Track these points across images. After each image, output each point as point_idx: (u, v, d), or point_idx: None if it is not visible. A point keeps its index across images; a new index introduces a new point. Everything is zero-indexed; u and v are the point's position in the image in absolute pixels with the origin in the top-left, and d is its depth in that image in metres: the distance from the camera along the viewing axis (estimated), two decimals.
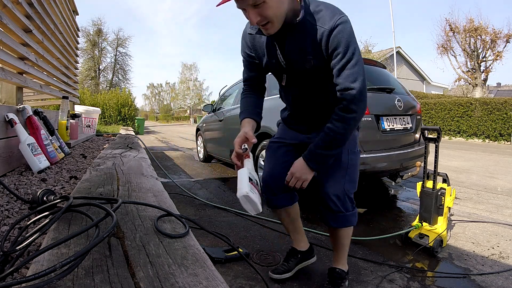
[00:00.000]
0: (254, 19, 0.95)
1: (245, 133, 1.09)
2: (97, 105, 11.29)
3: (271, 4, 0.93)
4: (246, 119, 1.18)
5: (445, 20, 15.20)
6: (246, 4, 0.93)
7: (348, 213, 1.19)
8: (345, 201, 1.18)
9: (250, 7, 0.93)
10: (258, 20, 0.95)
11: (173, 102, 47.01)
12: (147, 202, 0.96)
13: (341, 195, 1.17)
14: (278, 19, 0.98)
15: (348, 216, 1.19)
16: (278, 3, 0.95)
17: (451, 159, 5.21)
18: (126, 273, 0.55)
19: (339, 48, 1.00)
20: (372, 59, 3.11)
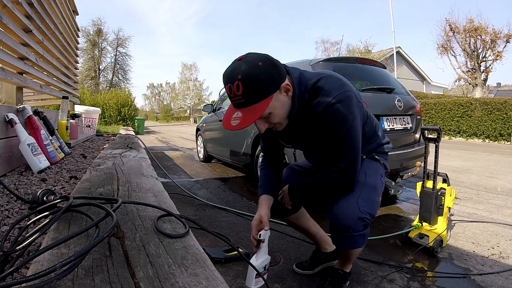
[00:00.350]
0: (262, 127, 1.00)
1: (261, 217, 1.11)
2: (97, 105, 11.28)
3: (276, 113, 0.96)
4: (264, 196, 1.21)
5: (445, 20, 15.20)
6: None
7: (356, 233, 1.06)
8: (355, 221, 1.05)
9: (257, 120, 0.94)
10: (266, 127, 1.01)
11: (173, 102, 47.02)
12: (147, 202, 0.96)
13: (350, 214, 1.06)
14: (285, 120, 1.03)
15: (356, 237, 1.07)
16: (282, 108, 0.98)
17: (451, 159, 5.21)
18: (126, 273, 0.55)
19: (331, 126, 1.00)
20: (372, 59, 3.10)
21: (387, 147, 1.29)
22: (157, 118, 47.26)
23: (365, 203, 1.08)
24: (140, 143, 3.28)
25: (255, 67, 0.87)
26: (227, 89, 0.91)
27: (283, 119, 1.01)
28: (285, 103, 0.98)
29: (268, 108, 0.92)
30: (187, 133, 13.13)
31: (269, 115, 0.96)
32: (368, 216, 1.07)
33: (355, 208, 1.05)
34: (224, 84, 0.93)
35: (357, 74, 2.72)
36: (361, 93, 2.37)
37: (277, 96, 0.95)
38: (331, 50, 22.19)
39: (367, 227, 1.09)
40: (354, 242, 1.09)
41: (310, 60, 2.66)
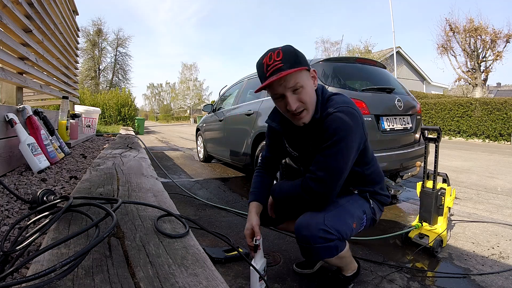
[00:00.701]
0: (293, 104, 0.98)
1: (253, 227, 1.13)
2: (97, 105, 11.29)
3: (308, 90, 1.00)
4: (254, 203, 1.22)
5: (445, 20, 15.19)
6: (286, 88, 0.97)
7: (317, 245, 1.00)
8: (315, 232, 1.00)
9: (289, 93, 0.98)
10: (297, 105, 0.99)
11: (173, 102, 47.02)
12: (147, 202, 0.96)
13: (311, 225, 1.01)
14: (312, 107, 1.04)
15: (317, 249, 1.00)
16: (312, 92, 1.03)
17: (451, 159, 5.21)
18: (126, 273, 0.55)
19: (327, 131, 1.00)
20: (372, 59, 3.10)
21: (385, 199, 1.26)
22: (157, 118, 47.27)
23: (333, 219, 1.03)
24: (140, 143, 3.28)
25: (292, 47, 1.00)
26: (267, 59, 0.98)
27: (311, 104, 1.03)
28: (313, 88, 1.04)
29: (301, 79, 0.98)
30: (187, 133, 13.13)
31: (302, 90, 0.99)
32: (332, 231, 1.00)
33: (319, 220, 1.01)
34: (262, 58, 1.00)
35: (357, 74, 2.72)
36: (361, 93, 2.38)
37: (308, 76, 1.02)
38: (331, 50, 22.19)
39: (332, 241, 1.01)
40: (317, 254, 1.02)
41: (310, 60, 2.66)
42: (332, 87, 2.35)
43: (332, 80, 2.42)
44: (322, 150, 1.00)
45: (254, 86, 3.60)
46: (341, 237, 1.04)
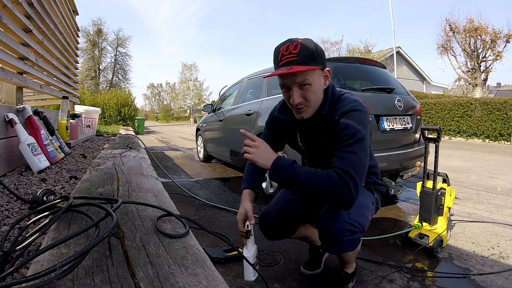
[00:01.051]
0: (297, 98, 1.00)
1: (246, 211, 1.10)
2: (97, 105, 11.28)
3: (315, 88, 1.00)
4: (247, 191, 1.20)
5: (445, 20, 15.19)
6: (294, 82, 0.98)
7: (344, 239, 1.04)
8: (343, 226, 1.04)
9: (296, 87, 0.99)
10: (300, 101, 1.00)
11: (173, 102, 47.02)
12: (147, 202, 0.96)
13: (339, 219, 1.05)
14: (315, 106, 1.05)
15: (344, 242, 1.05)
16: (319, 91, 1.03)
17: (451, 159, 5.21)
18: (126, 273, 0.55)
19: (345, 130, 0.99)
20: (372, 59, 3.10)
21: (382, 189, 1.31)
22: (157, 118, 47.27)
23: (355, 213, 1.06)
24: (140, 143, 3.28)
25: (313, 42, 1.00)
26: (284, 48, 0.97)
27: (315, 102, 1.03)
28: (321, 88, 1.04)
29: (311, 77, 0.98)
30: (187, 133, 13.13)
31: (308, 87, 0.99)
32: (357, 225, 1.05)
33: (345, 214, 1.04)
34: (280, 45, 0.99)
35: (357, 74, 2.72)
36: (361, 93, 2.38)
37: (320, 75, 1.02)
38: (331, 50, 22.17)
39: (356, 233, 1.06)
40: (343, 248, 1.06)
41: None
42: None
43: (332, 80, 2.42)
44: (344, 147, 0.98)
45: (254, 86, 3.60)
46: (363, 230, 1.09)
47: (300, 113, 1.05)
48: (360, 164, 0.95)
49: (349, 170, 0.92)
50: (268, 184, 2.81)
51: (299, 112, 1.05)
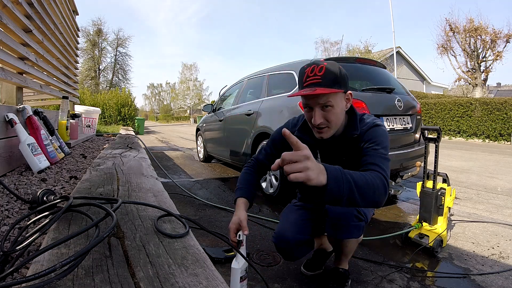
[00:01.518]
0: (318, 119, 1.03)
1: (240, 221, 1.08)
2: (97, 105, 11.28)
3: (336, 111, 1.04)
4: (241, 199, 1.19)
5: (445, 20, 15.20)
6: (317, 103, 1.02)
7: (352, 223, 1.13)
8: (351, 212, 1.12)
9: (318, 108, 1.03)
10: (321, 121, 1.04)
11: (173, 102, 47.02)
12: (147, 202, 0.96)
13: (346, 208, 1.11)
14: (336, 127, 1.08)
15: (351, 227, 1.13)
16: (340, 113, 1.06)
17: (451, 159, 5.21)
18: (126, 273, 0.55)
19: (373, 139, 1.04)
20: (372, 59, 3.10)
21: None
22: (157, 118, 47.27)
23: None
24: (140, 143, 3.28)
25: (337, 66, 1.04)
26: (309, 70, 1.02)
27: (336, 124, 1.06)
28: (343, 110, 1.07)
29: (334, 99, 1.02)
30: (187, 133, 13.13)
31: (330, 109, 1.02)
32: (363, 214, 1.14)
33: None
34: (306, 66, 1.04)
35: (357, 74, 2.72)
36: (361, 93, 2.38)
37: (342, 98, 1.06)
38: (331, 50, 22.20)
39: (362, 221, 1.15)
40: (349, 232, 1.13)
41: (310, 60, 2.66)
42: None
43: None
44: (375, 150, 1.02)
45: (254, 86, 3.61)
46: (367, 220, 1.18)
47: (321, 133, 1.08)
48: (388, 167, 0.98)
49: (385, 168, 0.95)
50: (268, 184, 2.81)
51: (320, 132, 1.08)
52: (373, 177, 0.87)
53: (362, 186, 0.80)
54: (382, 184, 0.87)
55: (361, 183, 0.80)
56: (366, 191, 0.81)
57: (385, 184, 0.89)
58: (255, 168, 1.32)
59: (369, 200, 0.83)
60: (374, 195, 0.84)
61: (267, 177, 2.81)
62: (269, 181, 2.81)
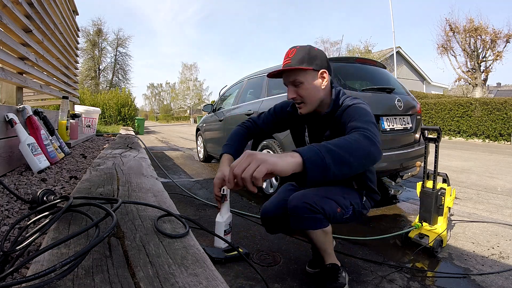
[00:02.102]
0: (290, 95, 1.16)
1: (224, 176, 1.08)
2: (97, 105, 11.28)
3: (308, 87, 1.14)
4: (227, 155, 1.22)
5: (445, 20, 15.20)
6: (288, 81, 1.15)
7: (304, 215, 1.14)
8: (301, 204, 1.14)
9: (290, 85, 1.16)
10: (293, 97, 1.16)
11: (173, 102, 47.02)
12: (147, 202, 0.96)
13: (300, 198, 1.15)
14: (311, 103, 1.17)
15: (304, 219, 1.15)
16: (314, 90, 1.15)
17: (451, 159, 5.21)
18: (126, 273, 0.55)
19: (353, 115, 1.05)
20: (372, 59, 3.10)
21: (377, 197, 1.35)
22: (157, 118, 47.27)
23: (320, 199, 1.15)
24: (140, 143, 3.28)
25: (312, 47, 1.18)
26: (286, 55, 1.17)
27: (309, 99, 1.15)
28: (317, 86, 1.15)
29: (303, 77, 1.12)
30: (187, 133, 13.13)
31: (301, 85, 1.13)
32: (317, 206, 1.13)
33: (309, 196, 1.15)
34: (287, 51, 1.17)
35: (357, 74, 2.72)
36: (361, 93, 2.38)
37: (314, 75, 1.14)
38: (331, 50, 22.19)
39: (317, 213, 1.14)
40: (303, 224, 1.16)
41: None
42: None
43: (332, 80, 2.41)
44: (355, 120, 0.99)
45: (254, 86, 3.60)
46: (325, 215, 1.16)
47: (299, 109, 1.19)
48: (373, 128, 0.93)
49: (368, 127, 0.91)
50: (268, 184, 2.81)
51: (299, 107, 1.19)
52: (353, 135, 0.85)
53: (343, 146, 0.76)
54: (365, 136, 0.84)
55: (342, 144, 0.76)
56: (351, 147, 0.77)
57: (369, 136, 0.84)
58: (249, 130, 1.37)
59: (360, 155, 0.78)
60: (360, 148, 0.79)
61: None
62: (269, 181, 2.81)
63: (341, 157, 0.72)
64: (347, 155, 0.74)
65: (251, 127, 1.38)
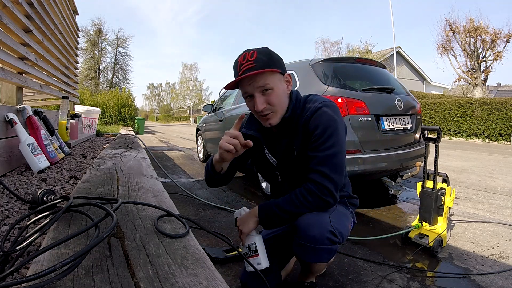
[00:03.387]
0: (260, 105, 0.97)
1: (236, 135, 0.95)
2: (97, 105, 11.28)
3: (278, 93, 0.99)
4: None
5: (445, 20, 15.18)
6: (255, 88, 0.97)
7: (322, 246, 0.96)
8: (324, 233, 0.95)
9: (258, 93, 0.98)
10: (264, 107, 0.98)
11: (173, 102, 47.02)
12: (147, 202, 0.96)
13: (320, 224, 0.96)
14: (281, 110, 1.02)
15: (321, 251, 0.96)
16: (282, 95, 1.01)
17: (451, 159, 5.21)
18: (126, 273, 0.55)
19: (317, 129, 0.98)
20: (372, 59, 3.10)
21: (355, 201, 1.23)
22: (157, 118, 47.27)
23: (337, 221, 1.00)
24: (140, 143, 3.28)
25: (269, 50, 1.01)
26: (241, 58, 0.98)
27: (280, 106, 1.01)
28: (284, 92, 1.03)
29: (272, 81, 0.97)
30: (187, 133, 13.13)
31: (271, 92, 0.98)
32: (338, 234, 0.97)
33: (326, 221, 0.97)
34: (239, 56, 1.00)
35: (357, 74, 2.72)
36: (361, 93, 2.38)
37: (281, 79, 1.02)
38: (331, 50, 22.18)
39: (335, 244, 0.98)
40: (319, 256, 0.97)
41: (310, 60, 2.66)
42: (332, 87, 2.35)
43: (332, 80, 2.42)
44: (318, 147, 0.97)
45: None
46: (342, 241, 1.01)
47: (268, 120, 1.01)
48: (337, 160, 0.97)
49: (325, 171, 0.95)
50: (268, 184, 2.81)
51: (267, 119, 1.01)
52: (303, 194, 0.97)
53: (289, 211, 0.99)
54: (315, 196, 0.96)
55: (288, 208, 0.99)
56: (297, 210, 0.98)
57: (318, 194, 0.95)
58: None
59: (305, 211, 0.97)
60: (306, 210, 0.97)
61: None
62: None
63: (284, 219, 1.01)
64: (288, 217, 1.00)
65: None
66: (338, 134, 0.98)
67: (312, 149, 0.99)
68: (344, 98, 2.25)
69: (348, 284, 1.36)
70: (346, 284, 1.36)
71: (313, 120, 1.00)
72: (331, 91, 2.32)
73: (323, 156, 0.97)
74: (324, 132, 0.97)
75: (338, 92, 2.30)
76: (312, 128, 0.99)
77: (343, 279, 1.40)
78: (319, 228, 0.95)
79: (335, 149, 0.97)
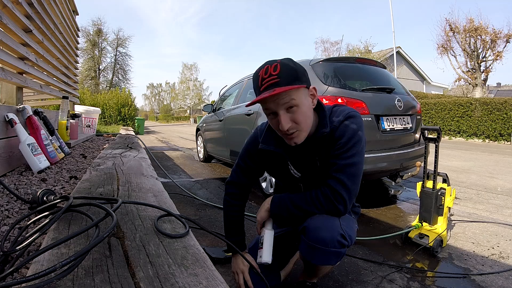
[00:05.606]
0: (286, 124, 0.90)
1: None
2: (97, 105, 11.28)
3: (303, 110, 0.92)
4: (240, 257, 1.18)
5: (445, 20, 15.18)
6: (279, 105, 0.89)
7: (332, 249, 0.94)
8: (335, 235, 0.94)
9: (282, 111, 0.90)
10: (289, 126, 0.91)
11: (173, 102, 47.02)
12: (147, 202, 0.96)
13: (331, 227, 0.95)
14: (307, 127, 0.95)
15: (330, 253, 0.95)
16: (308, 111, 0.94)
17: (451, 159, 5.21)
18: (126, 273, 0.55)
19: (342, 138, 0.96)
20: (372, 59, 3.10)
21: (358, 209, 1.21)
22: (157, 118, 47.27)
23: (346, 225, 0.99)
24: (140, 143, 3.28)
25: (293, 61, 0.92)
26: (263, 71, 0.90)
27: (306, 124, 0.94)
28: (310, 108, 0.96)
29: (298, 97, 0.90)
30: (187, 133, 13.12)
31: (296, 109, 0.90)
32: (347, 237, 0.96)
33: (337, 224, 0.96)
34: (260, 68, 0.92)
35: (357, 74, 2.72)
36: (361, 93, 2.38)
37: (306, 94, 0.94)
38: (331, 50, 22.17)
39: (345, 247, 0.96)
40: (327, 259, 0.96)
41: (310, 60, 2.66)
42: (332, 87, 2.35)
43: (332, 80, 2.41)
44: (340, 155, 0.97)
45: None
46: (350, 244, 0.99)
47: (292, 139, 0.95)
48: (355, 170, 0.97)
49: (342, 179, 0.95)
50: (268, 184, 2.81)
51: (291, 138, 0.95)
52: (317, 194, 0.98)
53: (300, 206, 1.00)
54: (328, 200, 0.96)
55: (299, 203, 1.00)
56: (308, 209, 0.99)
57: (332, 199, 0.96)
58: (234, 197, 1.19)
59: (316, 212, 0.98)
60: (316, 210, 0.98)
61: (267, 177, 2.81)
62: (269, 181, 2.81)
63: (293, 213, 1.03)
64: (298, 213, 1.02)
65: (238, 193, 1.20)
66: (361, 146, 0.98)
67: (334, 156, 0.98)
68: (344, 98, 2.25)
69: (348, 284, 1.36)
70: (346, 284, 1.36)
71: (339, 131, 0.97)
72: (331, 91, 2.32)
73: (343, 164, 0.96)
74: (349, 142, 0.96)
75: (338, 92, 2.30)
76: (337, 137, 0.98)
77: (343, 279, 1.40)
78: (330, 231, 0.94)
79: (355, 159, 0.96)
